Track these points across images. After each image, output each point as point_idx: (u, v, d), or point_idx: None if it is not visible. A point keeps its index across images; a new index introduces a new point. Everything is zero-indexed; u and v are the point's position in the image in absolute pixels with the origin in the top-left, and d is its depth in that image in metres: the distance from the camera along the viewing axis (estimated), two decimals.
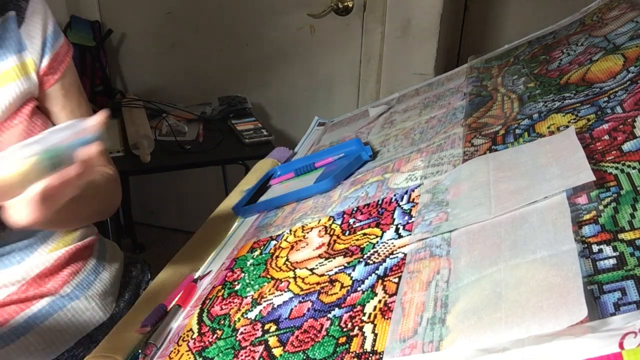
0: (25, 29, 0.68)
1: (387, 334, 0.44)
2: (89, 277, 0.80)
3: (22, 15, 0.68)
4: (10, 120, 0.66)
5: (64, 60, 0.73)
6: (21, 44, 0.68)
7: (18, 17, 0.67)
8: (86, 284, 0.79)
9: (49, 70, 0.71)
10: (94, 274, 0.81)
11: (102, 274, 0.82)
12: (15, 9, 0.67)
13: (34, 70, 0.69)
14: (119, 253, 0.91)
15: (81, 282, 0.78)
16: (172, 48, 2.07)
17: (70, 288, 0.76)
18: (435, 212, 0.56)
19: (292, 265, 0.61)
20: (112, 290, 0.84)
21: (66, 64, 0.73)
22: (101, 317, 0.80)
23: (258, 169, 0.99)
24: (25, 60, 0.68)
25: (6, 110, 0.65)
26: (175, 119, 1.78)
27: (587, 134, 0.54)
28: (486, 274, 0.43)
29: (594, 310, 0.35)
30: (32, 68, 0.69)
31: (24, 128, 0.66)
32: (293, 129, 2.04)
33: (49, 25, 0.71)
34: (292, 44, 1.93)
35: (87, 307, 0.78)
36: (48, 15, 0.71)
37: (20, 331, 0.71)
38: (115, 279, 0.86)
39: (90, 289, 0.79)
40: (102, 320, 0.80)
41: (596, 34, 0.79)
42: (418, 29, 1.70)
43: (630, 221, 0.40)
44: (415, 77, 1.74)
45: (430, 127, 0.82)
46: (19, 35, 0.67)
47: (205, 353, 0.54)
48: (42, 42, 0.69)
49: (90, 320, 0.78)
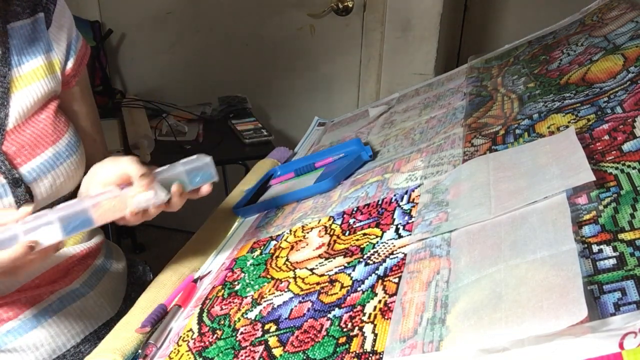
0: (52, 30, 0.72)
1: (387, 334, 0.44)
2: (97, 273, 0.81)
3: (49, 17, 0.72)
4: (37, 115, 0.69)
5: (83, 62, 0.77)
6: (49, 45, 0.72)
7: (47, 19, 0.71)
8: (95, 279, 0.80)
9: (72, 71, 0.75)
10: (102, 270, 0.82)
11: (110, 271, 0.83)
12: (44, 11, 0.71)
13: (59, 70, 0.73)
14: (121, 254, 0.92)
15: (91, 277, 0.79)
16: (172, 48, 2.07)
17: (79, 283, 0.77)
18: (435, 212, 0.56)
19: (292, 265, 0.61)
20: (120, 288, 0.86)
21: (84, 65, 0.78)
22: (109, 313, 0.81)
23: (258, 169, 0.99)
24: (52, 60, 0.72)
25: (34, 105, 0.69)
26: (175, 119, 1.78)
27: (587, 134, 0.54)
28: (486, 274, 0.43)
29: (594, 310, 0.35)
30: (57, 68, 0.72)
31: (51, 122, 0.70)
32: (293, 129, 2.04)
33: (73, 28, 0.75)
34: (292, 44, 1.93)
35: (95, 302, 0.79)
36: (72, 18, 0.76)
37: (29, 325, 0.71)
38: (122, 276, 0.87)
39: (99, 284, 0.80)
40: (109, 316, 0.81)
41: (596, 34, 0.79)
42: (418, 29, 1.70)
43: (630, 221, 0.40)
44: (415, 77, 1.74)
45: (430, 127, 0.82)
46: (47, 36, 0.71)
47: (205, 353, 0.54)
48: (68, 44, 0.74)
49: (99, 316, 0.79)
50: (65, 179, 0.71)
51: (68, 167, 0.71)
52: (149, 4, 2.02)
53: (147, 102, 1.82)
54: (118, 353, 0.58)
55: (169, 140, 1.66)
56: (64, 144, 0.71)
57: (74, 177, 0.73)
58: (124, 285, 0.87)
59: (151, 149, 1.58)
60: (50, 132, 0.70)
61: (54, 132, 0.71)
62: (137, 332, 0.61)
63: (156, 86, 2.13)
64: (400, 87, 1.24)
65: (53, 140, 0.70)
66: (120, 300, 0.85)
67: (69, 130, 0.73)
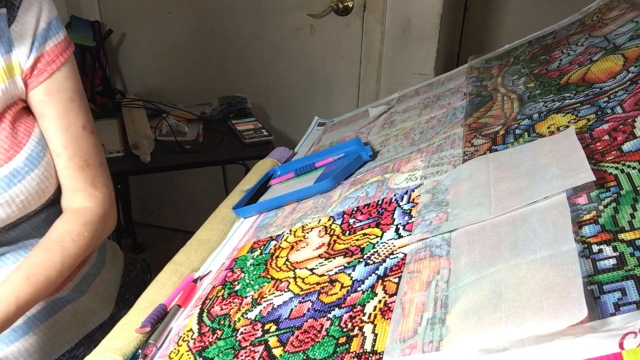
0: (15, 28, 0.64)
1: (387, 334, 0.44)
2: (89, 277, 0.79)
3: (14, 13, 0.64)
4: None
5: (54, 61, 0.67)
6: (10, 45, 0.64)
7: (9, 14, 0.64)
8: (86, 284, 0.78)
9: (31, 72, 0.66)
10: (94, 274, 0.80)
11: (102, 274, 0.82)
12: (7, 6, 0.63)
13: (19, 74, 0.65)
14: (119, 253, 0.91)
15: (81, 282, 0.78)
16: (172, 48, 2.07)
17: (70, 289, 0.76)
18: (435, 212, 0.56)
19: (292, 266, 0.61)
20: (113, 290, 0.84)
21: (56, 66, 0.67)
22: (101, 317, 0.80)
23: (258, 169, 0.99)
24: (11, 62, 0.64)
25: None
26: (175, 119, 1.78)
27: (587, 134, 0.54)
28: (486, 274, 0.43)
29: (594, 310, 0.35)
30: (18, 71, 0.65)
31: (6, 136, 0.63)
32: (293, 129, 2.04)
33: (41, 23, 0.66)
34: (292, 44, 1.93)
35: (87, 307, 0.78)
36: (43, 12, 0.66)
37: (20, 333, 0.71)
38: (115, 279, 0.85)
39: (91, 289, 0.79)
40: (102, 320, 0.80)
41: (596, 34, 0.79)
42: (418, 29, 1.70)
43: (630, 221, 0.40)
44: (415, 77, 1.74)
45: (430, 127, 0.82)
46: (8, 34, 0.63)
47: (205, 353, 0.54)
48: (32, 42, 0.65)
49: (91, 320, 0.78)
50: (27, 196, 0.65)
51: (29, 184, 0.65)
52: (149, 4, 2.02)
53: (147, 102, 1.83)
54: (118, 353, 0.58)
55: (169, 140, 1.66)
56: (21, 158, 0.64)
57: (39, 192, 0.67)
58: (117, 287, 0.86)
59: (151, 149, 1.58)
60: (5, 147, 0.63)
61: (11, 146, 0.63)
62: (137, 332, 0.61)
63: (156, 86, 2.13)
64: (400, 87, 1.24)
65: (9, 157, 0.63)
66: (114, 302, 0.83)
67: (30, 141, 0.65)
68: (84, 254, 0.70)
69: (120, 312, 0.83)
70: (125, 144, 1.60)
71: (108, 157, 1.52)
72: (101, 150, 0.75)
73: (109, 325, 0.78)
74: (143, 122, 1.69)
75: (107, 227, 0.75)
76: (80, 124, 0.70)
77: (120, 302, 0.85)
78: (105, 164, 0.75)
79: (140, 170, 1.58)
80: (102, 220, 0.73)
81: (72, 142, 0.69)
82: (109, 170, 0.76)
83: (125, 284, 0.88)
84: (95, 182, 0.72)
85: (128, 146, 1.58)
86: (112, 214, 0.76)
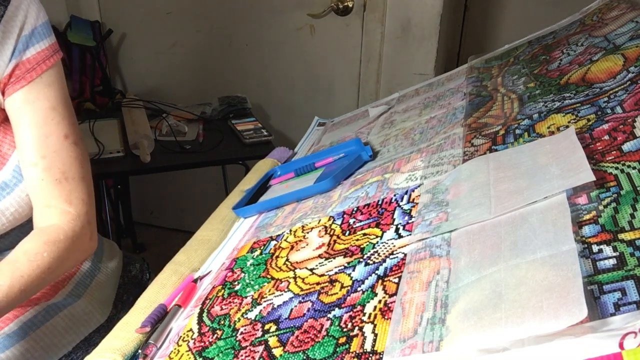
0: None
1: (387, 334, 0.44)
2: (84, 280, 0.78)
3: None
4: None
5: (34, 69, 0.64)
6: None
7: None
8: (82, 288, 0.77)
9: (9, 79, 0.62)
10: (89, 277, 0.79)
11: (99, 276, 0.81)
12: None
13: None
14: (117, 252, 0.90)
15: (77, 286, 0.77)
16: (172, 48, 2.07)
17: (64, 294, 0.75)
18: (435, 212, 0.56)
19: (292, 266, 0.61)
20: (110, 292, 0.83)
21: (36, 73, 0.64)
22: (99, 319, 0.79)
23: (258, 169, 0.99)
24: None
25: None
26: (175, 119, 1.78)
27: (587, 134, 0.54)
28: (486, 274, 0.43)
29: (594, 310, 0.35)
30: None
31: None
32: (293, 129, 2.04)
33: (25, 30, 0.63)
34: (292, 44, 1.93)
35: (84, 310, 0.77)
36: (28, 19, 0.63)
37: (15, 338, 0.70)
38: (112, 280, 0.84)
39: (87, 292, 0.78)
40: (99, 322, 0.79)
41: (596, 34, 0.79)
42: (418, 29, 1.70)
43: (630, 221, 0.40)
44: (415, 77, 1.74)
45: (430, 127, 0.82)
46: None
47: (205, 353, 0.54)
48: (13, 49, 0.62)
49: (88, 324, 0.77)
50: (17, 208, 0.64)
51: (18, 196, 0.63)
52: (149, 4, 2.02)
53: (147, 102, 1.83)
54: (118, 353, 0.58)
55: (169, 140, 1.66)
56: (9, 170, 0.62)
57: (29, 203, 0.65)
58: (115, 289, 0.85)
59: (151, 149, 1.58)
60: None
61: None
62: (137, 332, 0.61)
63: (156, 86, 2.13)
64: (400, 87, 1.24)
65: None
66: (111, 304, 0.82)
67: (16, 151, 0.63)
68: (46, 276, 0.63)
69: (118, 314, 0.82)
70: (125, 144, 1.60)
71: (108, 157, 1.52)
72: (85, 164, 0.69)
73: (107, 327, 0.77)
74: (143, 122, 1.69)
75: (81, 247, 0.69)
76: (61, 134, 0.66)
77: (119, 303, 0.84)
78: (88, 178, 0.70)
79: (140, 170, 1.58)
80: (71, 240, 0.66)
81: (50, 153, 0.65)
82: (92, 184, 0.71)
83: (123, 285, 0.87)
84: (71, 197, 0.67)
85: (128, 146, 1.58)
86: (85, 233, 0.68)
